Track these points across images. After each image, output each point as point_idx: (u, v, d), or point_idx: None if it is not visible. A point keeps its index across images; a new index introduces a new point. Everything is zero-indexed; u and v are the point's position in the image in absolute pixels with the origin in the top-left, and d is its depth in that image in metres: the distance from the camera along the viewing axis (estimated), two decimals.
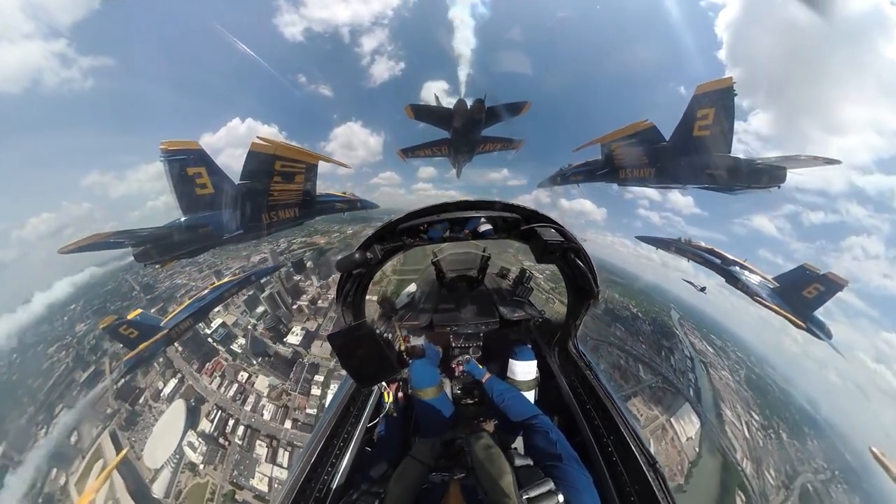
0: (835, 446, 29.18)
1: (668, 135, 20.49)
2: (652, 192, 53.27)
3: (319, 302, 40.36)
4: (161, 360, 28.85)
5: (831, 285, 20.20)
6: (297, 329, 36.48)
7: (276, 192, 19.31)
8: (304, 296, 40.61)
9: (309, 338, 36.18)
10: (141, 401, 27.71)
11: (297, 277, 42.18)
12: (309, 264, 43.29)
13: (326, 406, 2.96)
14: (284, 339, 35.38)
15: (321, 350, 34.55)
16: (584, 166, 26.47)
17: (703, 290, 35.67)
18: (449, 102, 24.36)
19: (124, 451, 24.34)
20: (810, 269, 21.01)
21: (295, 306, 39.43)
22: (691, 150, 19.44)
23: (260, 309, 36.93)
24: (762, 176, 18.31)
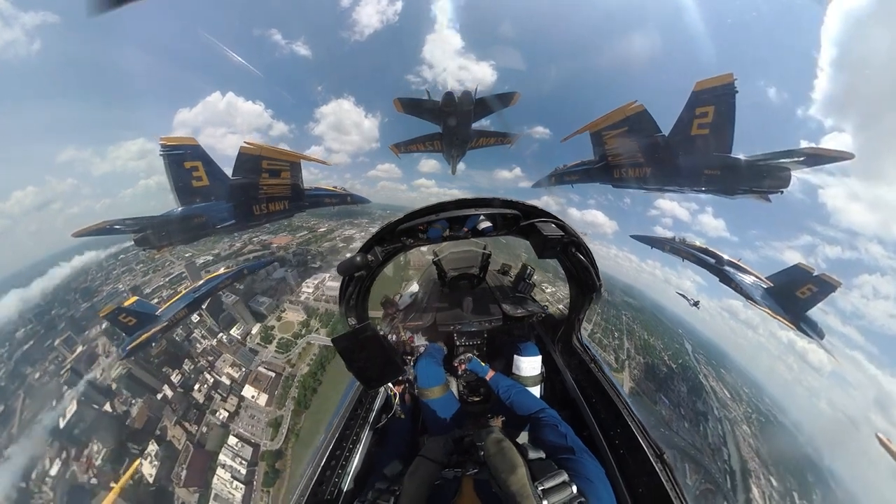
0: (834, 491, 30.86)
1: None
2: (681, 212, 50.08)
3: (196, 388, 25.36)
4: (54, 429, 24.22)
5: (824, 286, 20.18)
6: (152, 451, 22.36)
7: (266, 186, 20.79)
8: (177, 372, 25.78)
9: (172, 460, 22.22)
10: (33, 475, 22.38)
11: (194, 318, 27.82)
12: (204, 307, 28.50)
13: (335, 409, 2.98)
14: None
15: (190, 496, 22.46)
16: (578, 165, 25.56)
17: (696, 304, 35.92)
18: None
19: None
20: (805, 268, 21.02)
21: (160, 394, 25.10)
22: (689, 149, 18.70)
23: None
24: (764, 178, 17.37)
